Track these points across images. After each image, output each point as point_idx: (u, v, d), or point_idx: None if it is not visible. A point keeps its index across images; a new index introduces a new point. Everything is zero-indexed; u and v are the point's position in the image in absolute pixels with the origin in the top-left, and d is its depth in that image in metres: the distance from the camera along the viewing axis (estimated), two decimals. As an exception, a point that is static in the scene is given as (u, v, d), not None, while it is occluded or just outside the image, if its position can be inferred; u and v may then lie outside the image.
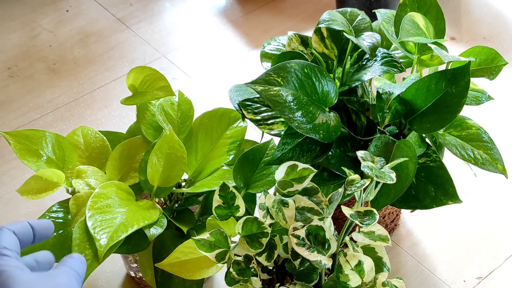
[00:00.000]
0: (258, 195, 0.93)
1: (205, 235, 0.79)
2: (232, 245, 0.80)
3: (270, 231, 0.78)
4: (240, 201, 0.81)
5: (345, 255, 0.74)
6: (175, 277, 0.90)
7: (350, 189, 0.75)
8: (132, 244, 0.87)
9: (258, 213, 0.82)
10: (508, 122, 1.33)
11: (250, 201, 0.92)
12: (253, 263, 0.79)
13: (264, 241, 0.78)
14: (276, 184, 0.79)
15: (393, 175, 0.77)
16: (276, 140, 0.90)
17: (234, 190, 0.82)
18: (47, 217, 0.86)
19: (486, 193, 1.20)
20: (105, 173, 0.91)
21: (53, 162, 0.89)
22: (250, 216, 0.79)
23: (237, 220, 0.80)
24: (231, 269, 0.78)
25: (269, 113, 0.92)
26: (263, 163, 0.91)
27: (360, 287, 0.74)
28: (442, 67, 0.94)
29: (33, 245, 0.70)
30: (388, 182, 0.76)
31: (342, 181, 0.90)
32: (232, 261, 0.79)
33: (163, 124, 0.92)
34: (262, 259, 0.79)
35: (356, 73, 0.93)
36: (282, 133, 0.88)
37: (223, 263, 0.79)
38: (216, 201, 0.81)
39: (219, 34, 1.55)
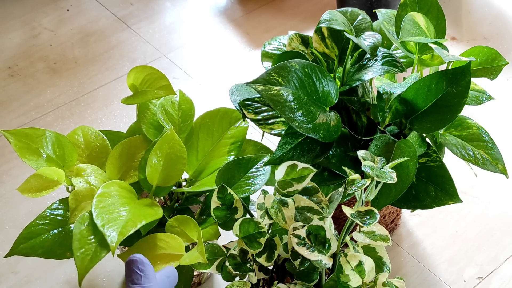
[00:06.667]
0: (257, 194, 0.93)
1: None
2: (233, 244, 0.80)
3: (267, 230, 0.78)
4: (238, 203, 0.81)
5: (345, 255, 0.74)
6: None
7: (351, 189, 0.75)
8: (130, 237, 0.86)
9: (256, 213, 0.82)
10: (508, 122, 1.33)
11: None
12: (249, 259, 0.79)
13: (262, 240, 0.78)
14: (276, 184, 0.79)
15: (394, 174, 0.77)
16: (277, 139, 0.90)
17: (232, 192, 0.81)
18: (48, 213, 0.86)
19: (486, 193, 1.20)
20: (105, 171, 0.91)
21: (53, 161, 0.89)
22: (246, 217, 0.79)
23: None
24: (226, 263, 0.78)
25: (270, 113, 0.92)
26: (251, 173, 0.90)
27: (360, 287, 0.74)
28: (442, 67, 0.94)
29: None
30: (389, 182, 0.76)
31: (343, 181, 0.90)
32: (228, 255, 0.78)
33: (164, 123, 0.92)
34: (262, 260, 0.79)
35: (356, 73, 0.93)
36: (283, 132, 0.88)
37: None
38: (215, 202, 0.81)
39: (219, 34, 1.55)
